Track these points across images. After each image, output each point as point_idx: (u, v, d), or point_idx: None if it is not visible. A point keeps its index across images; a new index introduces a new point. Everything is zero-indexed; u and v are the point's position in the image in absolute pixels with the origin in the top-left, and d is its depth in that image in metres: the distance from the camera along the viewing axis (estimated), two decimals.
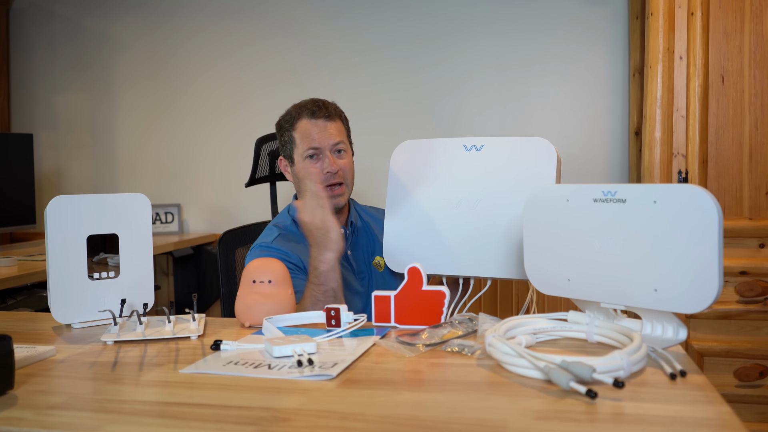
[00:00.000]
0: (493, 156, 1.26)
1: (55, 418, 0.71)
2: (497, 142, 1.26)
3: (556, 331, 0.96)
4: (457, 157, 1.29)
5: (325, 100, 1.51)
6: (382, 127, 2.85)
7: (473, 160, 1.27)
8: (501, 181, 1.24)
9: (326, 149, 1.46)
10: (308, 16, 2.94)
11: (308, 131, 1.46)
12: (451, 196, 1.28)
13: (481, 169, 1.26)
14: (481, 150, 1.27)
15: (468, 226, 1.26)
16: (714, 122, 2.10)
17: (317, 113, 1.47)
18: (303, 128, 1.47)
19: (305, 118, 1.47)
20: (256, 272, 1.14)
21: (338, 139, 1.48)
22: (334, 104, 1.52)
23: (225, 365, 0.88)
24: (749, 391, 2.02)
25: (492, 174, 1.25)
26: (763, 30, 2.07)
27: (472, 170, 1.27)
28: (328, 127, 1.47)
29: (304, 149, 1.46)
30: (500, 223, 1.22)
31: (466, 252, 1.26)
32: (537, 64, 2.75)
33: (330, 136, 1.46)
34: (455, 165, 1.29)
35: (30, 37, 3.22)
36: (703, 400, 0.71)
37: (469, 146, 1.28)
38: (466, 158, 1.28)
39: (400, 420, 0.68)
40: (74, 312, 1.14)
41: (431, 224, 1.30)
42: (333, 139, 1.47)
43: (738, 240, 2.07)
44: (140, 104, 3.14)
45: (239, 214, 2.99)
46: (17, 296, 2.14)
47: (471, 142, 1.28)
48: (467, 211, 1.26)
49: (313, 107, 1.48)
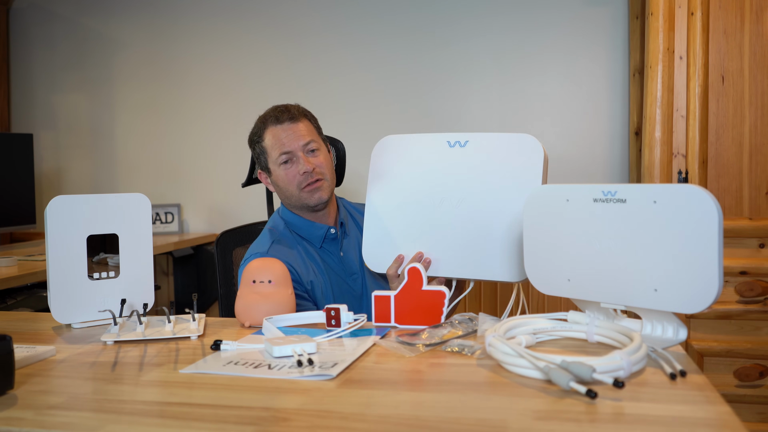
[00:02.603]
0: (478, 152, 1.22)
1: (55, 418, 0.71)
2: (482, 138, 1.23)
3: (556, 331, 0.96)
4: (441, 153, 1.25)
5: (288, 104, 1.50)
6: (380, 126, 2.85)
7: (457, 157, 1.24)
8: (486, 179, 1.20)
9: (298, 150, 1.45)
10: (309, 16, 2.94)
11: (276, 137, 1.45)
12: (434, 193, 1.25)
13: (465, 166, 1.22)
14: (465, 146, 1.23)
15: (452, 225, 1.22)
16: (714, 122, 2.10)
17: (281, 118, 1.46)
18: (271, 136, 1.46)
19: (271, 126, 1.46)
20: (256, 272, 1.14)
21: (308, 139, 1.46)
22: (297, 105, 1.51)
23: (225, 365, 0.88)
24: (749, 391, 2.02)
25: (477, 171, 1.21)
26: (763, 30, 2.07)
27: (456, 167, 1.23)
28: (295, 129, 1.45)
29: (276, 156, 1.45)
30: (485, 223, 1.19)
31: (449, 252, 1.22)
32: (537, 64, 2.75)
33: (298, 137, 1.45)
34: (438, 161, 1.25)
35: (30, 37, 3.22)
36: (703, 400, 0.71)
37: (452, 142, 1.25)
38: (449, 154, 1.24)
39: (400, 420, 0.68)
40: (74, 312, 1.14)
41: (413, 223, 1.27)
42: (302, 140, 1.45)
43: (738, 240, 2.07)
44: (140, 104, 3.14)
45: (239, 214, 2.99)
46: (17, 296, 2.14)
47: (455, 138, 1.25)
48: (450, 209, 1.23)
49: (275, 113, 1.47)
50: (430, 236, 1.25)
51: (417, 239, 1.26)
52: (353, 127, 2.84)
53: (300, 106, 1.52)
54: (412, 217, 1.27)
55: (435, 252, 1.24)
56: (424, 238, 1.25)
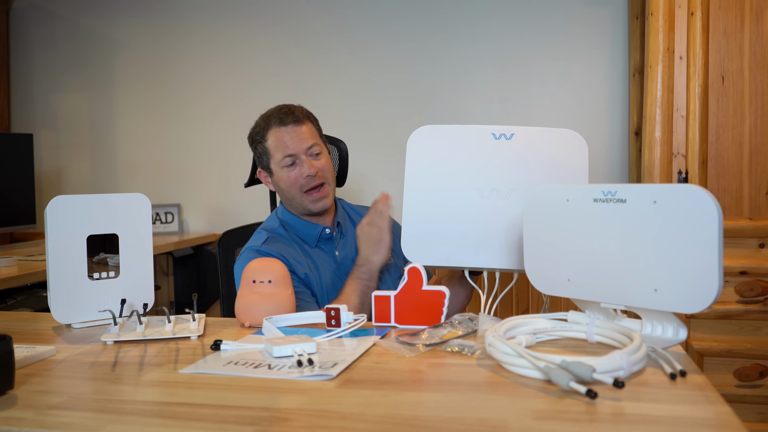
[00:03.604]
0: (525, 145, 1.21)
1: (55, 418, 0.71)
2: (528, 132, 1.22)
3: (556, 331, 0.96)
4: (486, 145, 1.23)
5: (291, 105, 1.50)
6: (380, 127, 2.85)
7: (504, 149, 1.22)
8: (534, 171, 1.19)
9: (301, 153, 1.45)
10: (310, 19, 2.94)
11: (280, 139, 1.45)
12: (482, 185, 1.22)
13: (513, 158, 1.21)
14: (511, 139, 1.22)
15: (499, 217, 1.20)
16: (714, 122, 2.10)
17: (285, 119, 1.45)
18: (274, 137, 1.46)
19: (274, 127, 1.46)
20: (256, 272, 1.14)
21: (311, 142, 1.46)
22: (301, 107, 1.51)
23: (225, 365, 0.88)
24: (749, 391, 2.02)
25: (525, 164, 1.20)
26: (763, 30, 2.07)
27: (503, 159, 1.22)
28: (299, 131, 1.45)
29: (279, 158, 1.45)
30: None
31: (496, 243, 1.20)
32: (537, 64, 2.75)
33: (303, 140, 1.45)
34: (484, 153, 1.23)
35: (30, 37, 3.22)
36: (703, 400, 0.71)
37: (498, 134, 1.23)
38: (495, 146, 1.22)
39: (400, 420, 0.68)
40: (74, 312, 1.14)
41: (458, 215, 1.23)
42: (306, 143, 1.45)
43: (738, 240, 2.07)
44: (140, 104, 3.14)
45: (239, 214, 2.99)
46: (17, 296, 2.14)
47: (500, 130, 1.23)
48: (499, 201, 1.21)
49: (280, 114, 1.46)
50: (476, 227, 1.22)
51: (463, 231, 1.23)
52: (355, 130, 2.84)
53: (303, 108, 1.51)
54: (457, 207, 1.24)
55: (481, 243, 1.21)
56: (472, 229, 1.22)
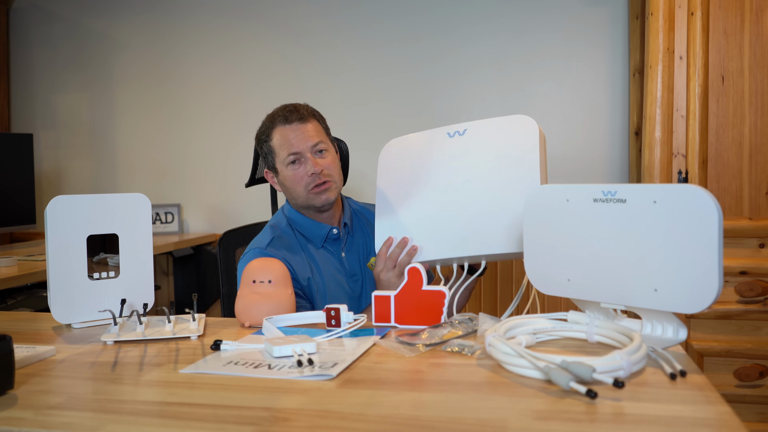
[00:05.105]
0: (477, 138, 1.26)
1: (55, 418, 0.71)
2: (479, 125, 1.27)
3: (556, 331, 0.96)
4: (442, 145, 1.30)
5: (297, 103, 1.49)
6: (383, 128, 2.85)
7: (457, 146, 1.28)
8: (486, 161, 1.24)
9: (306, 151, 1.44)
10: (311, 19, 2.94)
11: (285, 137, 1.44)
12: (438, 182, 1.29)
13: (465, 152, 1.27)
14: (464, 134, 1.28)
15: (457, 208, 1.26)
16: (714, 122, 2.10)
17: (290, 117, 1.45)
18: (279, 136, 1.45)
19: (279, 125, 1.46)
20: (256, 272, 1.14)
21: (317, 140, 1.45)
22: (306, 105, 1.50)
23: (225, 365, 0.88)
24: (749, 391, 2.02)
25: (477, 155, 1.25)
26: (763, 30, 2.07)
27: (457, 155, 1.28)
28: (304, 129, 1.44)
29: (284, 156, 1.45)
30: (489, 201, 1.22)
31: (458, 233, 1.25)
32: (537, 64, 2.75)
33: (307, 137, 1.44)
34: (440, 153, 1.30)
35: (30, 37, 3.22)
36: (703, 400, 0.71)
37: (452, 132, 1.29)
38: (450, 144, 1.29)
39: (400, 420, 0.68)
40: (74, 312, 1.14)
41: (421, 214, 1.30)
42: (311, 141, 1.44)
43: (738, 240, 2.07)
44: (140, 104, 3.14)
45: (239, 214, 2.99)
46: (17, 296, 2.14)
47: (454, 129, 1.29)
48: (454, 194, 1.26)
49: (284, 113, 1.46)
50: (438, 222, 1.28)
51: (427, 228, 1.29)
52: (356, 129, 2.84)
53: (309, 106, 1.50)
54: (420, 208, 1.31)
55: (444, 236, 1.27)
56: (433, 225, 1.28)
